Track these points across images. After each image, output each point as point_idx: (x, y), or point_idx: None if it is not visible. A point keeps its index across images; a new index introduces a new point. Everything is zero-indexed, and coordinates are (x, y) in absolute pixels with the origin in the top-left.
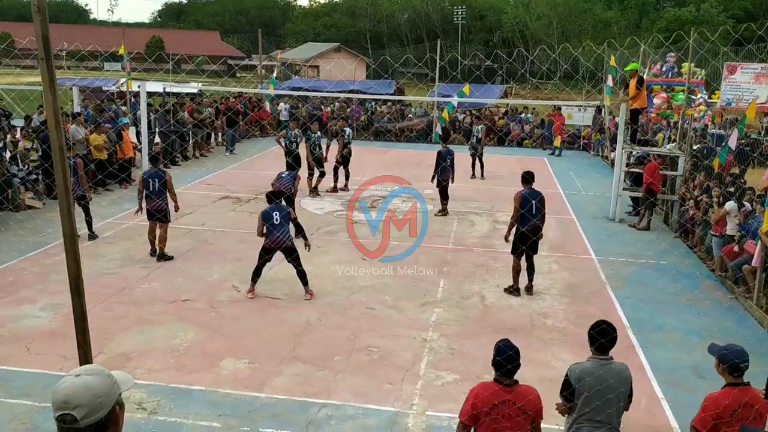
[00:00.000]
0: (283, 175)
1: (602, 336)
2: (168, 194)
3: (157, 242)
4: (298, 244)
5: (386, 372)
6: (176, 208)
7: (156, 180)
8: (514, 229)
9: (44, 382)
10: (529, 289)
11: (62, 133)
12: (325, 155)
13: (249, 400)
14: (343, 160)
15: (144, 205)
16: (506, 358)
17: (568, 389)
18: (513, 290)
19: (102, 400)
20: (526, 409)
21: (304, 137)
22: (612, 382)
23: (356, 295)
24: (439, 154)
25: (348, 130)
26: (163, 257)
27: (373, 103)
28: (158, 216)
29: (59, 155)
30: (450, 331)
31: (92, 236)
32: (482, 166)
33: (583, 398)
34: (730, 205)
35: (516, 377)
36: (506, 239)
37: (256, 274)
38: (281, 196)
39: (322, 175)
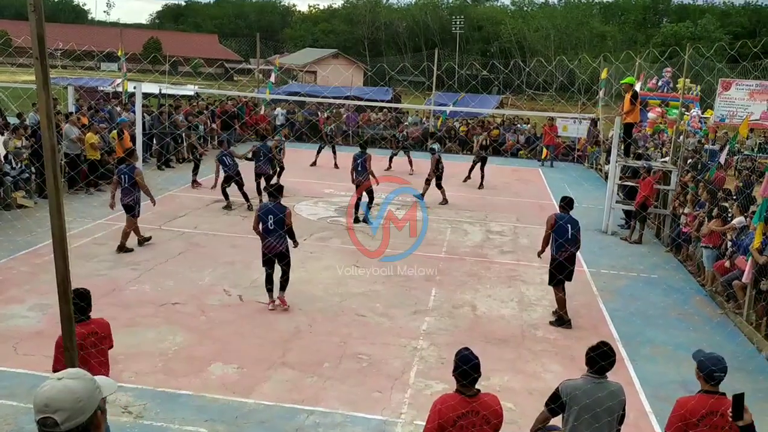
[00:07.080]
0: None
1: (603, 359)
2: (141, 190)
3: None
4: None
5: (375, 380)
6: (152, 203)
7: (126, 176)
8: (550, 258)
9: (30, 383)
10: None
11: (54, 132)
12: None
13: (236, 405)
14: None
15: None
16: (472, 367)
17: (555, 402)
18: (564, 322)
19: (83, 404)
20: (489, 418)
21: None
22: (609, 404)
23: (347, 301)
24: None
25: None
26: (122, 249)
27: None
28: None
29: (51, 154)
30: (440, 340)
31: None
32: (470, 172)
33: (575, 416)
34: (740, 220)
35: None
36: (539, 255)
37: (269, 283)
38: (281, 191)
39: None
